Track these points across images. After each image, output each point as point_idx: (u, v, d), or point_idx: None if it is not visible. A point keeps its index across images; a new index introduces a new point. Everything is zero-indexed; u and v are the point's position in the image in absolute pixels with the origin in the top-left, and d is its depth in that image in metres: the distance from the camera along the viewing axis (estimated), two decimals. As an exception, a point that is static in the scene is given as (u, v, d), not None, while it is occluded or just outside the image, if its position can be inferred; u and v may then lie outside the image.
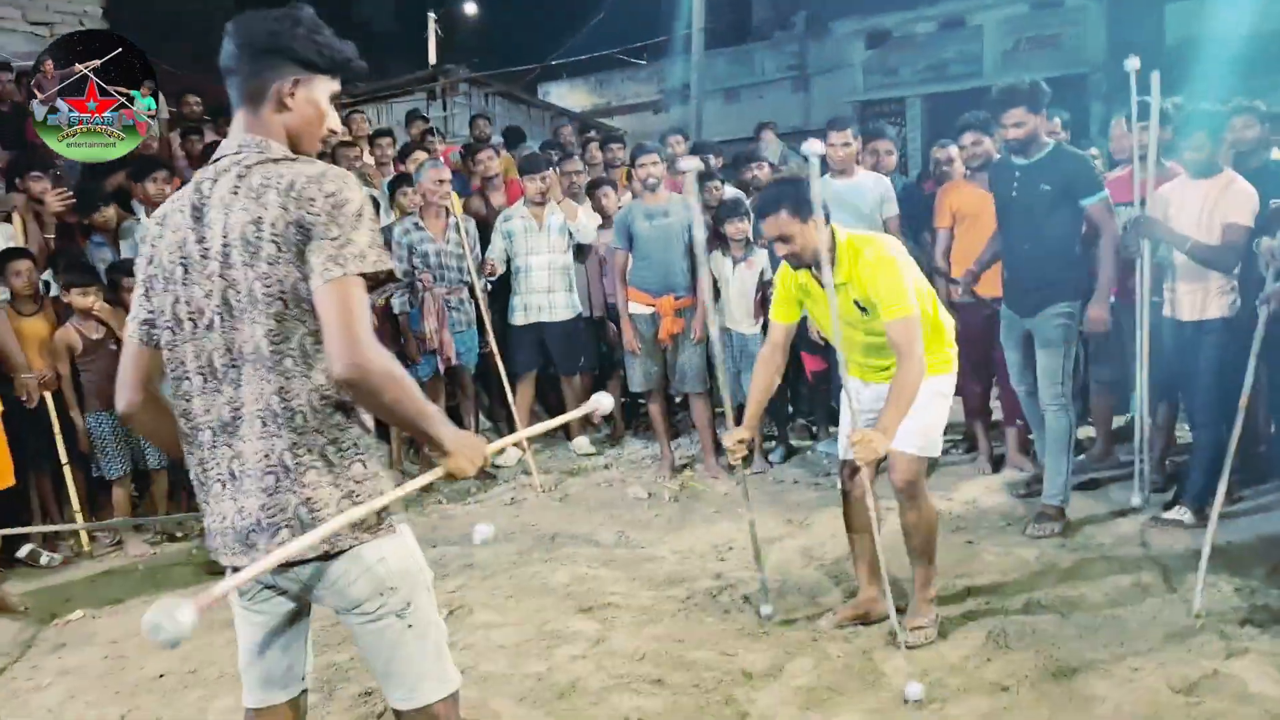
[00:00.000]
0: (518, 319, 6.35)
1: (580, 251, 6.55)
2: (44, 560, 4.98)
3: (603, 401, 2.58)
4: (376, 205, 6.08)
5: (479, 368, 6.34)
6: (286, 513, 1.85)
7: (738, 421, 3.73)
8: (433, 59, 22.89)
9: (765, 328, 4.54)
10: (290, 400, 1.85)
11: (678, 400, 6.61)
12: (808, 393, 6.49)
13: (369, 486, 1.90)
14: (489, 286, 6.18)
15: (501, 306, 6.41)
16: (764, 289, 5.78)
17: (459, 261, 5.94)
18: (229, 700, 3.45)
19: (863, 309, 3.42)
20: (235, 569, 1.88)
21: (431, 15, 23.97)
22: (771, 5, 20.10)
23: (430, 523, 5.34)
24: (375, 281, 1.85)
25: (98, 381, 5.02)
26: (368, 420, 1.94)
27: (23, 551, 4.99)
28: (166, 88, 8.80)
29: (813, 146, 3.21)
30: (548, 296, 6.31)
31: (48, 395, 5.00)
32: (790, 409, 6.59)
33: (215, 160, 1.96)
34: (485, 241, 6.35)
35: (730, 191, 6.36)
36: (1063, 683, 3.26)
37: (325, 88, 2.00)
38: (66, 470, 5.11)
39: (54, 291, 5.36)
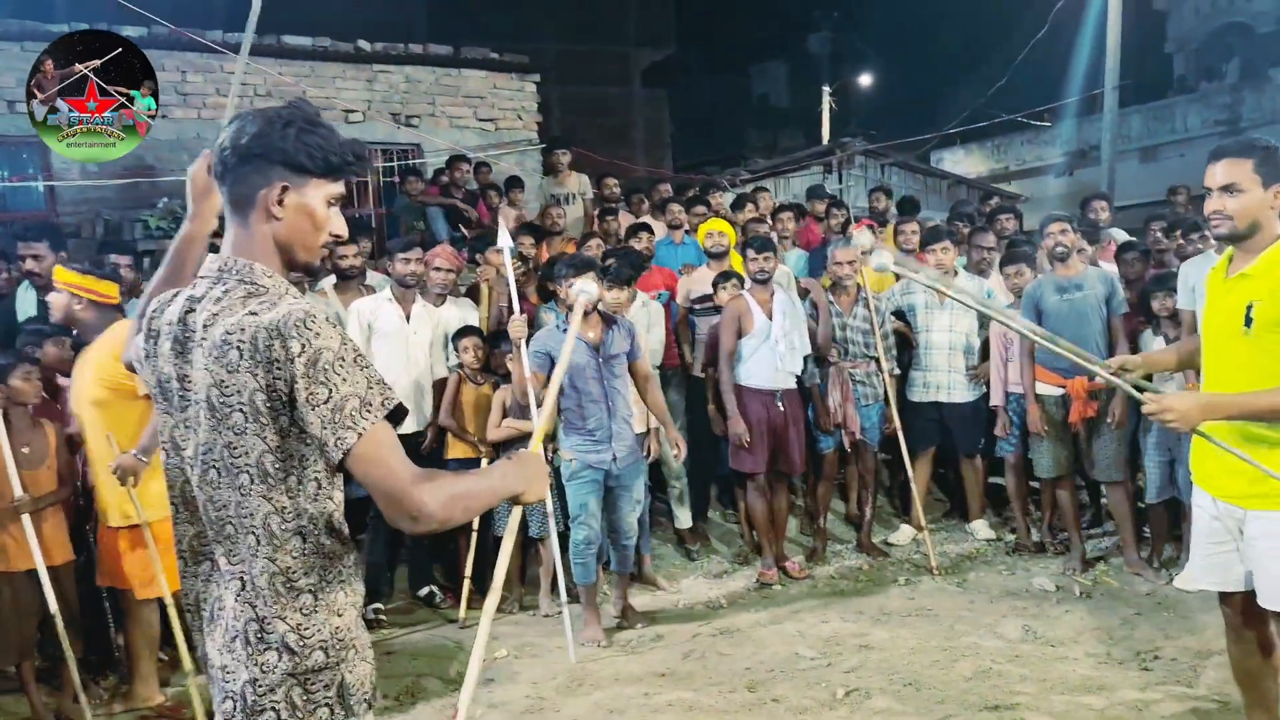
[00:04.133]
0: (916, 395, 6.21)
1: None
2: (437, 600, 5.48)
3: (588, 288, 2.72)
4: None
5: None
6: (235, 685, 1.75)
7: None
8: (826, 131, 23.37)
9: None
10: (256, 579, 1.73)
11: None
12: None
13: (326, 677, 1.76)
14: (896, 369, 6.08)
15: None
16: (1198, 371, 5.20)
17: (865, 336, 5.93)
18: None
19: (1249, 321, 2.86)
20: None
21: (826, 89, 24.52)
22: (1197, 56, 18.48)
23: (822, 600, 5.32)
24: (395, 419, 1.71)
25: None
26: (344, 599, 1.79)
27: (423, 591, 5.53)
28: (589, 169, 9.74)
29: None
30: (948, 376, 6.12)
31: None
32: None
33: (201, 277, 1.81)
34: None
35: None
36: None
37: (321, 192, 1.79)
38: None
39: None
